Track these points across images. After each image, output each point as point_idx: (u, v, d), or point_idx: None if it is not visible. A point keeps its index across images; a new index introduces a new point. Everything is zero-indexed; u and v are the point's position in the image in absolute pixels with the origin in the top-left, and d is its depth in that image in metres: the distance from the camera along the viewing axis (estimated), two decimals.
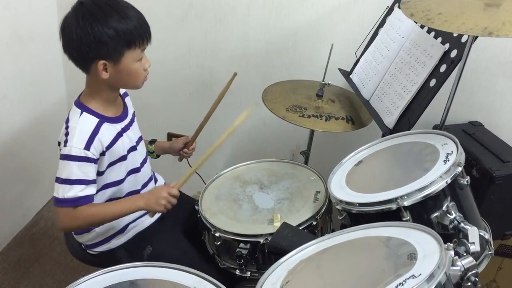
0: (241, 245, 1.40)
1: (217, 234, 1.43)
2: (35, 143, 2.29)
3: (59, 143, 1.34)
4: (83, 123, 1.31)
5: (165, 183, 1.67)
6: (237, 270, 1.44)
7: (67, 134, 1.31)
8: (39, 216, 2.44)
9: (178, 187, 1.42)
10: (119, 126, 1.40)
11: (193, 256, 1.52)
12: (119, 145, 1.38)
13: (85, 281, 1.04)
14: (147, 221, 1.52)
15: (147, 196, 1.40)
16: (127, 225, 1.49)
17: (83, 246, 1.54)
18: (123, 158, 1.41)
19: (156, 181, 1.63)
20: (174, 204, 1.40)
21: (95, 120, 1.32)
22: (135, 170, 1.47)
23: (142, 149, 1.51)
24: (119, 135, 1.39)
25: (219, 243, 1.44)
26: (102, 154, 1.33)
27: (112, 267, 1.08)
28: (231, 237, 1.42)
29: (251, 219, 1.49)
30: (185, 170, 1.77)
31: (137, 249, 1.49)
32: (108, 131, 1.35)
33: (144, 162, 1.52)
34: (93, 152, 1.30)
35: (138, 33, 1.27)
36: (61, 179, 1.30)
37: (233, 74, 1.62)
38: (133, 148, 1.45)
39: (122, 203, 1.40)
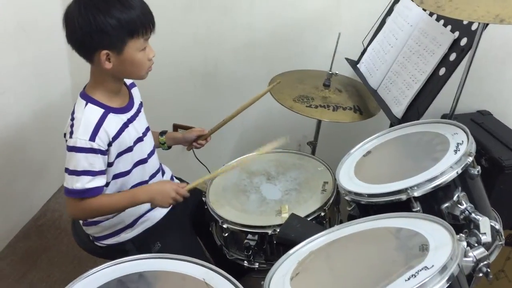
0: (249, 236, 1.40)
1: (224, 226, 1.43)
2: (41, 135, 2.29)
3: (64, 135, 1.34)
4: (88, 114, 1.30)
5: (172, 176, 1.67)
6: (245, 262, 1.44)
7: (72, 125, 1.30)
8: (46, 207, 2.45)
9: (188, 189, 1.42)
10: (124, 117, 1.39)
11: (202, 256, 1.51)
12: (125, 136, 1.37)
13: (93, 273, 1.04)
14: (157, 216, 1.52)
15: (154, 191, 1.39)
16: (136, 220, 1.48)
17: (91, 238, 1.54)
18: (129, 149, 1.40)
19: (163, 173, 1.62)
20: (180, 202, 1.40)
21: (100, 110, 1.32)
22: (142, 161, 1.46)
23: (149, 140, 1.50)
24: (125, 125, 1.38)
25: (226, 234, 1.43)
26: (109, 145, 1.33)
27: (121, 259, 1.08)
28: (239, 228, 1.42)
29: (258, 210, 1.48)
30: (192, 161, 1.78)
31: (146, 245, 1.49)
32: (114, 121, 1.34)
33: (151, 153, 1.50)
34: (99, 143, 1.29)
35: (141, 22, 1.26)
36: (69, 170, 1.30)
37: (277, 82, 1.73)
38: (139, 139, 1.43)
39: (127, 196, 1.39)
